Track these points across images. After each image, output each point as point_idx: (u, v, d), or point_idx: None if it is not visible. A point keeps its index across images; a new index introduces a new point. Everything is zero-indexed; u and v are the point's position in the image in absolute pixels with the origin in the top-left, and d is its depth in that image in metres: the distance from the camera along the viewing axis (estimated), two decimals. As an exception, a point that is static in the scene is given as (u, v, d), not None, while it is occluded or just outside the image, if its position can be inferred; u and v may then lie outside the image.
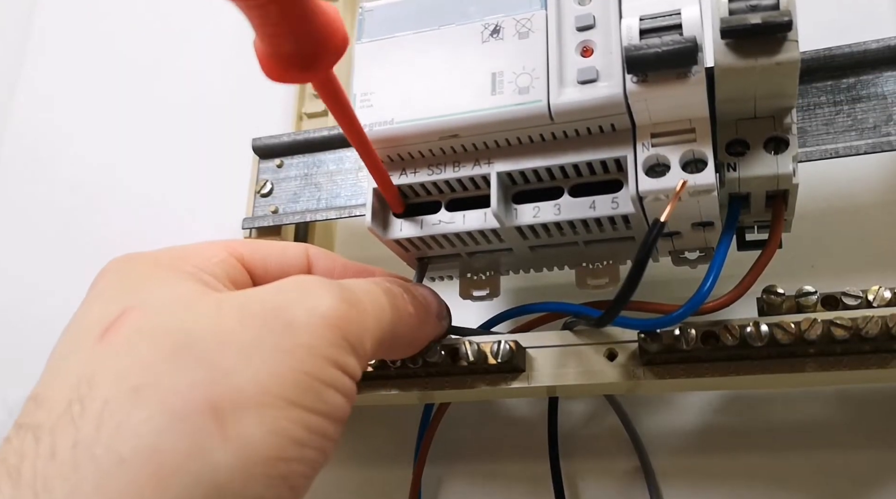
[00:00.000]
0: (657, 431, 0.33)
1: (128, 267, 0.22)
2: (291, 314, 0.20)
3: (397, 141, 0.27)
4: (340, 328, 0.20)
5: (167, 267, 0.22)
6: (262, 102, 0.44)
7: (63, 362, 0.20)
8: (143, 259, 0.22)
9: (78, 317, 0.21)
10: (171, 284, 0.21)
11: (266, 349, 0.19)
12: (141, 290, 0.21)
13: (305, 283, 0.21)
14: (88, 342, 0.19)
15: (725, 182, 0.25)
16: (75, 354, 0.19)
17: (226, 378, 0.18)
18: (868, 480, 0.30)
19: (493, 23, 0.27)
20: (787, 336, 0.26)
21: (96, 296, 0.21)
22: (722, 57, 0.23)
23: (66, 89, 0.54)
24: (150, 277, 0.21)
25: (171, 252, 0.23)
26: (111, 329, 0.19)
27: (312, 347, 0.19)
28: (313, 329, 0.20)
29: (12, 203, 0.52)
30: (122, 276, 0.22)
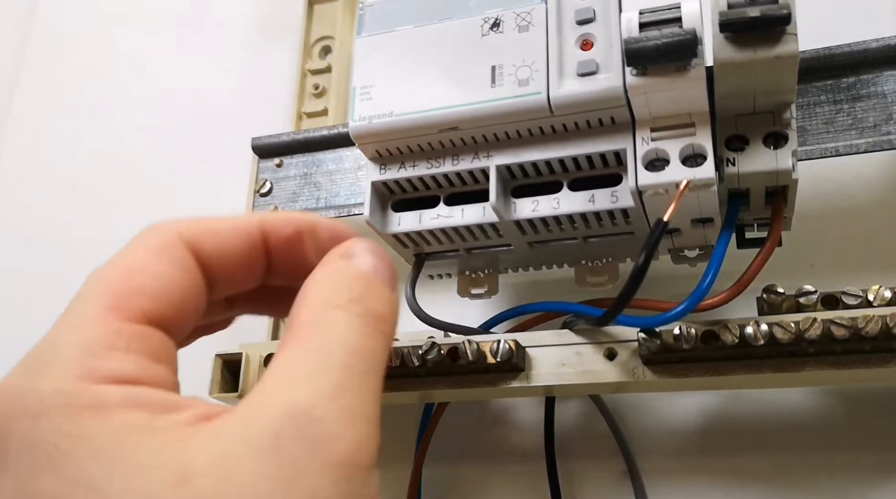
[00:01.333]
0: (657, 430, 0.33)
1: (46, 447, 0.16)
2: (311, 488, 0.15)
3: (396, 134, 0.27)
4: (361, 471, 0.16)
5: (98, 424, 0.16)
6: (262, 102, 0.45)
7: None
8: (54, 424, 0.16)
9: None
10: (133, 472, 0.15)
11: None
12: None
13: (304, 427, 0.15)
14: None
15: (725, 177, 0.25)
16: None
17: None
18: (868, 480, 0.30)
19: (493, 16, 0.27)
20: (787, 335, 0.26)
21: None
22: (721, 51, 0.23)
23: (66, 89, 0.54)
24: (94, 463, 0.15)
25: (62, 373, 0.16)
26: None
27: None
28: (340, 494, 0.15)
29: (12, 202, 0.52)
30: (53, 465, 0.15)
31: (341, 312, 0.18)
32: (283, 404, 0.16)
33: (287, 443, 0.15)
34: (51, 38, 0.57)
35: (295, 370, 0.16)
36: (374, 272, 0.20)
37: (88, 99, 0.53)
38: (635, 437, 0.33)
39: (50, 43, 0.56)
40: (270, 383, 0.16)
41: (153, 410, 0.16)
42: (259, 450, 0.15)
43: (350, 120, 0.28)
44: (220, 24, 0.51)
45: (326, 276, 0.19)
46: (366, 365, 0.17)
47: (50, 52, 0.56)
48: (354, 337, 0.17)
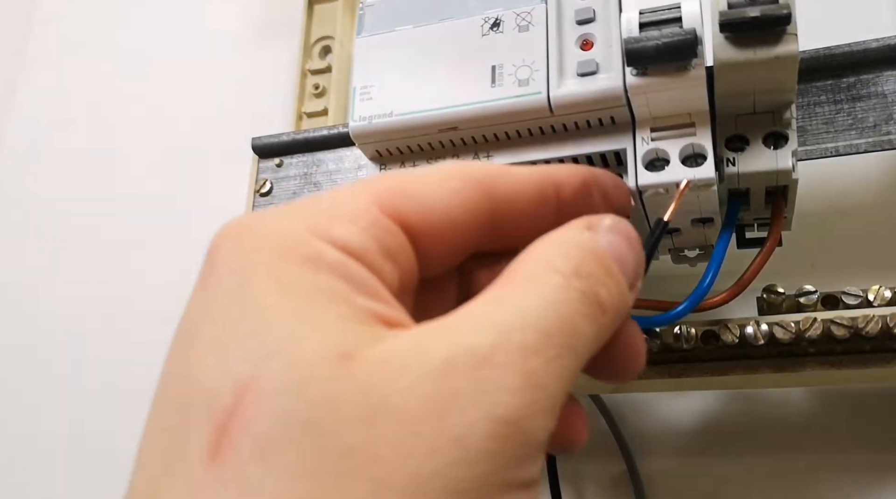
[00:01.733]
0: (657, 430, 0.33)
1: (245, 264, 0.16)
2: (465, 428, 0.14)
3: (397, 133, 0.27)
4: (520, 437, 0.14)
5: (297, 265, 0.16)
6: (262, 102, 0.45)
7: (161, 484, 0.14)
8: (266, 245, 0.16)
9: (175, 372, 0.16)
10: (302, 315, 0.15)
11: (433, 482, 0.14)
12: (262, 330, 0.15)
13: (487, 366, 0.15)
14: (196, 459, 0.14)
15: (725, 177, 0.25)
16: (179, 481, 0.14)
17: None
18: (868, 480, 0.30)
19: (493, 16, 0.27)
20: (788, 335, 0.26)
21: (203, 325, 0.16)
22: (721, 51, 0.23)
23: (66, 89, 0.54)
24: (272, 295, 0.15)
25: (302, 219, 0.17)
26: (224, 442, 0.14)
27: (491, 475, 0.14)
28: (498, 451, 0.14)
29: (11, 202, 0.52)
30: (237, 286, 0.16)
31: (562, 279, 0.17)
32: (469, 339, 0.15)
33: (456, 375, 0.14)
34: (51, 38, 0.57)
35: (492, 315, 0.15)
36: (614, 257, 0.18)
37: (88, 99, 0.53)
38: (635, 437, 0.33)
39: (50, 43, 0.56)
40: (467, 314, 0.16)
41: (356, 286, 0.16)
42: (429, 370, 0.14)
43: (350, 120, 0.28)
44: (220, 25, 0.51)
45: (562, 239, 0.18)
46: (567, 339, 0.16)
47: (50, 53, 0.56)
48: (567, 309, 0.16)
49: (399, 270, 0.17)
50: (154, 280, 0.44)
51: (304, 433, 0.13)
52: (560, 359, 0.15)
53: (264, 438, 0.13)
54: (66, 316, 0.44)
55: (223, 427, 0.14)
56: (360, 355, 0.14)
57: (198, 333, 0.15)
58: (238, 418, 0.14)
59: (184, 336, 0.16)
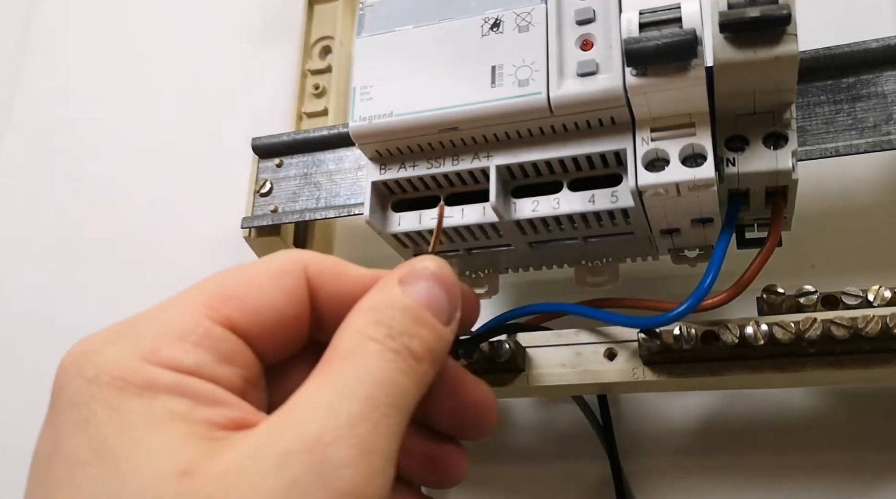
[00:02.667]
0: (655, 430, 0.33)
1: (85, 399, 0.17)
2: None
3: (397, 134, 0.27)
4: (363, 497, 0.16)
5: (135, 396, 0.17)
6: (262, 102, 0.45)
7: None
8: (103, 379, 0.17)
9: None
10: (142, 442, 0.16)
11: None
12: (110, 463, 0.16)
13: (319, 448, 0.16)
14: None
15: (725, 177, 0.25)
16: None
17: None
18: (868, 480, 0.30)
19: (493, 17, 0.27)
20: (787, 335, 0.26)
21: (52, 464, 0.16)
22: (721, 51, 0.23)
23: (65, 89, 0.54)
24: (113, 427, 0.16)
25: (134, 346, 0.17)
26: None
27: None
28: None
29: (11, 202, 0.52)
30: (81, 422, 0.16)
31: (376, 345, 0.18)
32: (299, 427, 0.16)
33: (293, 465, 0.15)
34: (50, 38, 0.57)
35: (318, 397, 0.17)
36: (426, 305, 0.19)
37: (88, 99, 0.53)
38: (635, 437, 0.33)
39: (49, 44, 0.56)
40: (294, 406, 0.17)
41: (196, 400, 0.17)
42: (266, 467, 0.15)
43: (350, 120, 0.28)
44: (220, 25, 0.51)
45: (373, 303, 0.19)
46: (390, 399, 0.17)
47: (50, 53, 0.56)
48: (384, 371, 0.18)
49: (239, 369, 0.18)
50: (154, 280, 0.44)
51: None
52: (386, 418, 0.17)
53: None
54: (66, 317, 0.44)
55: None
56: (200, 470, 0.15)
57: (51, 474, 0.16)
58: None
59: (38, 475, 0.17)
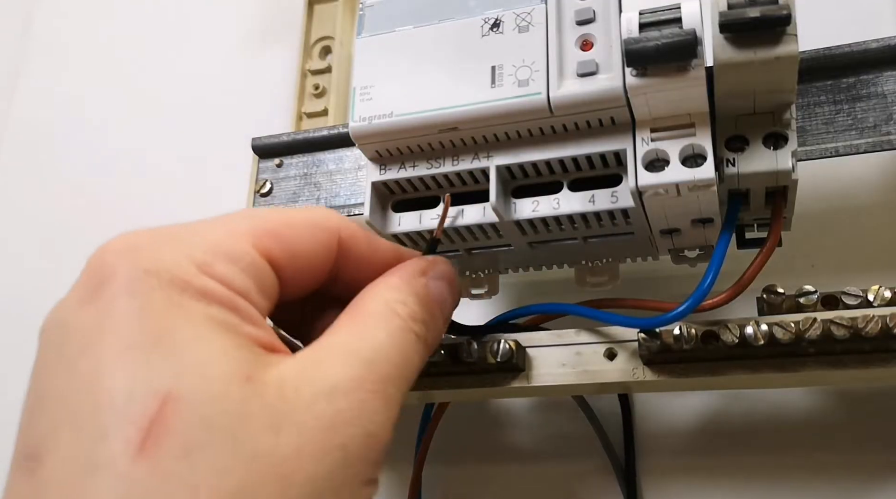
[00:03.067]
0: (655, 430, 0.33)
1: (144, 288, 0.17)
2: (347, 438, 0.18)
3: (396, 134, 0.27)
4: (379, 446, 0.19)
5: (194, 298, 0.18)
6: (262, 102, 0.45)
7: (85, 480, 0.15)
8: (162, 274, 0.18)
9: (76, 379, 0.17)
10: (205, 340, 0.17)
11: (329, 487, 0.17)
12: (171, 350, 0.17)
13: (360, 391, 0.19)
14: (121, 453, 0.15)
15: (725, 177, 0.25)
16: (103, 475, 0.15)
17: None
18: (868, 480, 0.30)
19: (493, 17, 0.27)
20: (787, 335, 0.26)
21: (104, 339, 0.17)
22: (721, 51, 0.23)
23: (65, 89, 0.54)
24: (174, 319, 0.17)
25: (188, 252, 0.18)
26: (149, 442, 0.15)
27: (359, 475, 0.18)
28: (365, 457, 0.18)
29: (12, 203, 0.52)
30: (138, 309, 0.17)
31: (402, 322, 0.21)
32: (345, 368, 0.19)
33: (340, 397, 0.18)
34: (50, 39, 0.57)
35: (359, 348, 0.20)
36: (439, 302, 0.23)
37: (87, 99, 0.53)
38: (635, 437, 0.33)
39: (49, 44, 0.56)
40: (337, 345, 0.20)
41: (242, 317, 0.18)
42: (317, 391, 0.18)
43: (350, 120, 0.28)
44: (220, 25, 0.51)
45: (401, 284, 0.22)
46: (406, 371, 0.20)
47: (49, 53, 0.56)
48: (407, 347, 0.21)
49: (269, 302, 0.20)
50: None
51: (222, 438, 0.16)
52: (403, 384, 0.20)
53: (188, 439, 0.16)
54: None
55: (146, 430, 0.15)
56: (258, 378, 0.17)
57: (99, 347, 0.17)
58: (161, 423, 0.16)
59: (76, 345, 0.17)
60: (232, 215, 0.21)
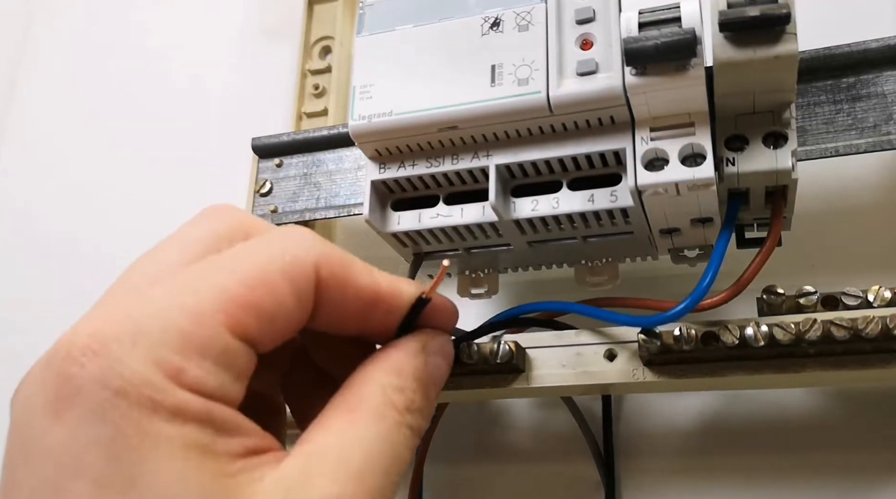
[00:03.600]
0: (655, 430, 0.33)
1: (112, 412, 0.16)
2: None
3: (396, 132, 0.27)
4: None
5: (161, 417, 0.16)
6: (262, 102, 0.45)
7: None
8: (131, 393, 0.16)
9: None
10: (176, 478, 0.16)
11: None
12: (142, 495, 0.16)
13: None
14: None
15: (724, 177, 0.25)
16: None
17: None
18: (868, 480, 0.30)
19: (493, 16, 0.27)
20: (787, 336, 0.26)
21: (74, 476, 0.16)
22: (721, 50, 0.23)
23: (65, 89, 0.54)
24: (146, 453, 0.16)
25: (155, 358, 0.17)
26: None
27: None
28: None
29: (12, 203, 0.52)
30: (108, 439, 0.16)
31: (397, 415, 0.20)
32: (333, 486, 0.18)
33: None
34: (50, 38, 0.57)
35: (348, 457, 0.18)
36: (435, 381, 0.22)
37: (87, 99, 0.53)
38: (635, 437, 0.33)
39: (50, 44, 0.56)
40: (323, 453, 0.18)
41: (217, 430, 0.17)
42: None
43: (350, 119, 0.28)
44: (219, 25, 0.51)
45: (399, 365, 0.21)
46: (398, 471, 0.19)
47: (50, 53, 0.56)
48: (400, 446, 0.20)
49: (243, 383, 0.18)
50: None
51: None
52: (393, 487, 0.19)
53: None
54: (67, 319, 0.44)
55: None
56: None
57: (71, 483, 0.16)
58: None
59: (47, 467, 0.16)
60: (199, 283, 0.18)
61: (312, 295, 0.20)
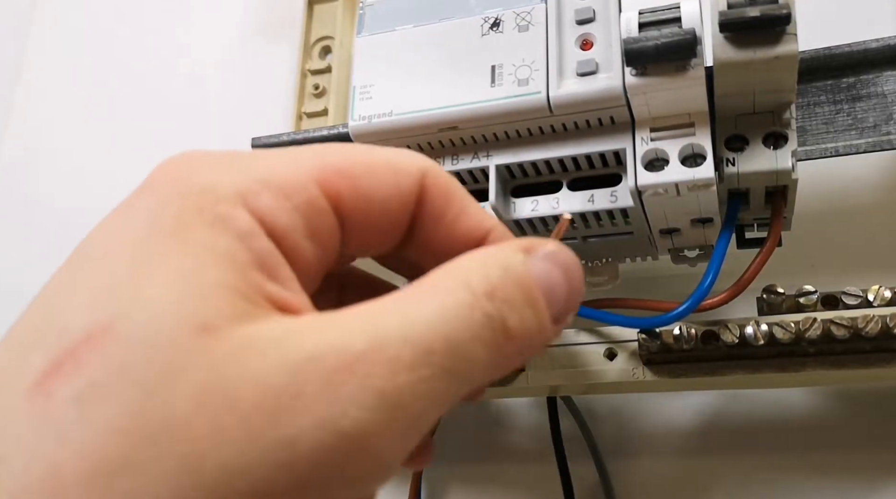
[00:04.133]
0: (655, 430, 0.33)
1: (163, 207, 0.15)
2: (299, 434, 0.13)
3: (396, 133, 0.27)
4: (362, 456, 0.13)
5: (206, 225, 0.14)
6: (262, 102, 0.45)
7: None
8: (191, 195, 0.15)
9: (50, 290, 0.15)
10: (185, 276, 0.14)
11: (233, 489, 0.12)
12: (139, 283, 0.14)
13: (346, 372, 0.13)
14: (21, 388, 0.13)
15: (724, 177, 0.25)
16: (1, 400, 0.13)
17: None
18: (868, 480, 0.30)
19: (493, 16, 0.27)
20: (787, 335, 0.26)
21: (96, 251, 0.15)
22: (721, 51, 0.23)
23: (65, 89, 0.54)
24: (172, 244, 0.14)
25: (237, 177, 0.15)
26: (52, 376, 0.13)
27: (311, 486, 0.13)
28: (328, 474, 0.13)
29: (13, 202, 0.52)
30: (145, 226, 0.15)
31: (469, 297, 0.15)
32: (340, 337, 0.14)
33: (309, 373, 0.13)
34: (50, 38, 0.57)
35: (379, 319, 0.14)
36: (543, 286, 0.16)
37: (87, 99, 0.53)
38: (635, 437, 0.33)
39: (49, 43, 0.56)
40: (355, 312, 0.14)
41: (256, 261, 0.14)
42: (283, 360, 0.13)
43: (350, 119, 0.28)
44: (219, 25, 0.51)
45: (489, 256, 0.16)
46: (451, 362, 0.14)
47: (50, 53, 0.56)
48: (462, 330, 0.14)
49: (320, 250, 0.16)
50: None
51: (131, 392, 0.12)
52: (435, 380, 0.14)
53: (91, 384, 0.13)
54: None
55: (59, 363, 0.13)
56: (221, 331, 0.13)
57: (89, 257, 0.15)
58: (76, 358, 0.13)
59: (81, 252, 0.15)
60: (301, 148, 0.17)
61: (415, 197, 0.17)
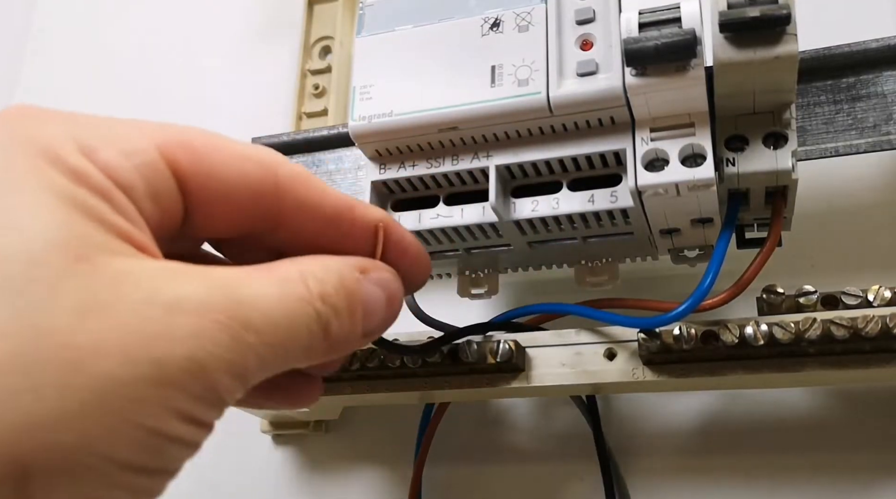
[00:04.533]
0: (655, 430, 0.33)
1: (13, 151, 0.16)
2: (166, 356, 0.15)
3: (396, 133, 0.27)
4: (205, 382, 0.15)
5: (62, 174, 0.16)
6: (262, 102, 0.45)
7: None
8: (38, 143, 0.16)
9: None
10: (51, 211, 0.15)
11: (129, 395, 0.14)
12: (13, 211, 0.15)
13: (207, 318, 0.16)
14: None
15: (725, 177, 0.25)
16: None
17: (41, 430, 0.13)
18: (868, 480, 0.30)
19: (493, 16, 0.27)
20: (787, 336, 0.26)
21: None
22: (721, 51, 0.23)
23: (65, 89, 0.54)
24: (29, 182, 0.15)
25: (78, 134, 0.17)
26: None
27: (172, 402, 0.15)
28: (185, 387, 0.15)
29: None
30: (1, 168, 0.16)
31: (306, 293, 0.18)
32: (207, 290, 0.16)
33: (182, 309, 0.15)
34: (50, 38, 0.57)
35: (225, 283, 0.16)
36: (366, 306, 0.19)
37: (87, 99, 0.53)
38: (634, 437, 0.33)
39: (50, 43, 0.56)
40: (219, 272, 0.17)
41: (114, 207, 0.16)
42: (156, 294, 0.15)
43: (350, 119, 0.28)
44: (220, 25, 0.51)
45: (330, 265, 0.19)
46: (283, 336, 0.17)
47: (50, 52, 0.56)
48: (297, 316, 0.17)
49: (161, 214, 0.17)
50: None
51: (15, 300, 0.14)
52: (269, 346, 0.16)
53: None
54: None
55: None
56: (94, 260, 0.15)
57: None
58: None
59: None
60: (144, 121, 0.18)
61: (270, 187, 0.19)
